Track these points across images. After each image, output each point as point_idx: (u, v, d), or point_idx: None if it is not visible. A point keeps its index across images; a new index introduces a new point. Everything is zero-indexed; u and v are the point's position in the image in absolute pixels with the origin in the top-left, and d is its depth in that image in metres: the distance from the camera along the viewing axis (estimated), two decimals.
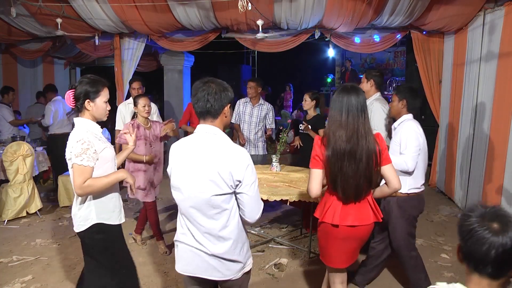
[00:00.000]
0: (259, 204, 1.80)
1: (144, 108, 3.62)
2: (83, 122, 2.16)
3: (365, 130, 2.08)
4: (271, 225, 4.56)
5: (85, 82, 2.14)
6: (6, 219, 4.60)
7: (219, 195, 1.69)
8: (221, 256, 1.76)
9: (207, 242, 1.76)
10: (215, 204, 1.71)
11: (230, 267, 1.79)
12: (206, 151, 1.72)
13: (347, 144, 2.06)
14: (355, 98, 2.08)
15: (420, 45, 5.72)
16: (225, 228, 1.75)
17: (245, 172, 1.69)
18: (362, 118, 2.08)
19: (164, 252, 3.75)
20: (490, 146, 4.28)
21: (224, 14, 5.29)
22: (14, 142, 4.86)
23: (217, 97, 1.73)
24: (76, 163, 2.02)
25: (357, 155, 2.06)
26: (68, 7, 5.29)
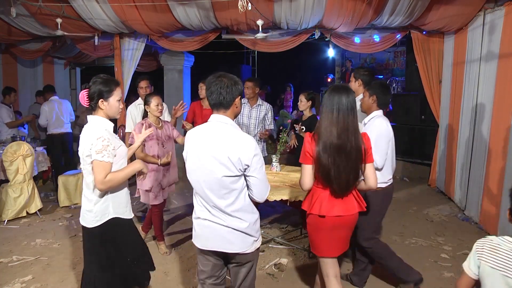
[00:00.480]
0: (266, 186, 2.05)
1: (157, 107, 3.56)
2: (99, 120, 2.24)
3: (354, 127, 2.24)
4: (271, 225, 4.56)
5: (98, 82, 2.21)
6: (6, 219, 4.60)
7: (228, 177, 1.93)
8: (234, 228, 1.99)
9: (221, 215, 1.99)
10: (224, 185, 1.94)
11: (244, 240, 2.01)
12: (218, 138, 1.95)
13: (338, 140, 2.21)
14: (345, 97, 2.23)
15: (420, 45, 5.73)
16: (232, 205, 1.97)
17: (253, 157, 1.91)
18: (351, 116, 2.23)
19: (164, 253, 3.75)
20: (490, 146, 4.28)
21: (224, 14, 5.29)
22: (14, 142, 4.86)
23: (229, 90, 1.97)
24: (98, 160, 2.12)
25: (347, 150, 2.21)
26: (68, 7, 5.29)
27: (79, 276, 3.32)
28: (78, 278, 3.30)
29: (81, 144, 2.21)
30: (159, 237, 3.82)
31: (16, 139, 5.21)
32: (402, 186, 6.19)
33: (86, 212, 2.27)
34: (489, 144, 4.31)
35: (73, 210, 5.13)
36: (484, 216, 4.36)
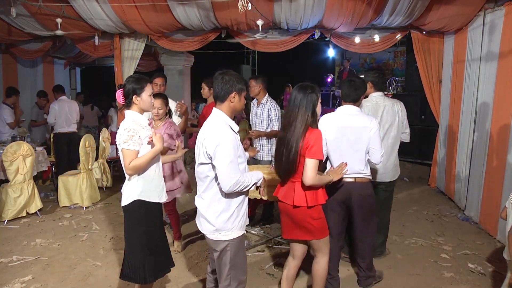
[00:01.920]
0: (228, 178, 2.09)
1: (154, 110, 3.54)
2: (130, 114, 2.49)
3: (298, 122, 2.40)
4: (271, 225, 4.56)
5: (131, 81, 2.48)
6: (6, 219, 4.60)
7: (202, 164, 2.19)
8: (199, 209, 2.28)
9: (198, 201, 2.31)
10: (200, 170, 2.22)
11: (202, 223, 2.28)
12: (204, 128, 2.21)
13: (283, 131, 2.49)
14: (296, 93, 2.46)
15: (420, 45, 5.73)
16: (205, 192, 2.23)
17: (215, 149, 2.08)
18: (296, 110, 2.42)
19: (174, 250, 3.69)
20: (490, 146, 4.28)
21: (224, 14, 5.29)
22: (14, 142, 4.86)
23: (224, 85, 2.17)
24: (124, 148, 2.36)
25: (287, 140, 2.42)
26: (68, 7, 5.29)
27: (79, 276, 3.33)
28: (78, 278, 3.30)
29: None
30: (175, 235, 3.90)
31: (16, 139, 5.21)
32: (402, 186, 6.19)
33: (122, 191, 2.52)
34: (489, 144, 4.31)
35: (73, 210, 5.13)
36: (484, 216, 4.36)
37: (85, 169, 5.32)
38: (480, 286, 3.21)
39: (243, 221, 2.30)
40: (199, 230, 2.32)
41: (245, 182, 2.16)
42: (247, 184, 2.18)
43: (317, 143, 2.38)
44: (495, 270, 3.45)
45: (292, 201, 2.48)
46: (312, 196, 2.47)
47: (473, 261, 3.62)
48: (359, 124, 2.84)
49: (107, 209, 5.18)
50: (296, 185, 2.48)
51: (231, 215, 2.21)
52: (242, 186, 2.14)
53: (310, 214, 2.49)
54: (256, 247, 3.93)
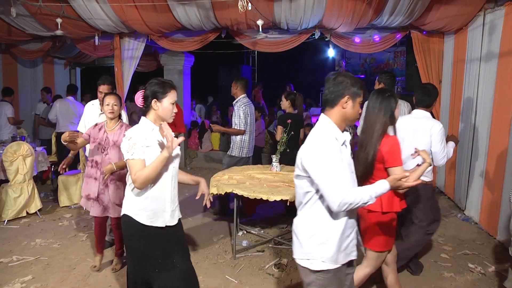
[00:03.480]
0: (334, 196, 1.75)
1: (108, 106, 3.20)
2: (142, 122, 2.26)
3: (376, 127, 2.36)
4: (271, 225, 4.56)
5: (154, 83, 2.23)
6: (6, 219, 4.60)
7: (298, 176, 1.91)
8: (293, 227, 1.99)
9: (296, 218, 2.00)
10: (298, 184, 1.92)
11: (294, 244, 1.97)
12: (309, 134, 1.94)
13: (362, 134, 2.45)
14: (375, 97, 2.42)
15: (420, 45, 5.72)
16: (303, 208, 1.93)
17: (315, 164, 1.79)
18: (374, 115, 2.39)
19: (93, 266, 3.45)
20: (490, 146, 4.28)
21: (224, 14, 5.29)
22: (14, 142, 4.86)
23: (335, 87, 1.86)
24: (128, 158, 2.16)
25: (364, 145, 2.38)
26: (68, 7, 5.29)
27: (79, 276, 3.33)
28: (78, 278, 3.30)
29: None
30: (96, 249, 3.48)
31: (16, 139, 5.21)
32: None
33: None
34: (489, 144, 4.31)
35: (73, 210, 5.13)
36: (484, 216, 4.36)
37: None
38: (480, 286, 3.21)
39: (345, 253, 1.90)
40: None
41: (358, 199, 1.76)
42: (364, 201, 1.77)
43: (396, 150, 2.33)
44: (495, 270, 3.45)
45: (373, 207, 2.37)
46: (388, 202, 2.41)
47: (473, 261, 3.62)
48: (423, 127, 2.99)
49: None
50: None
51: (327, 239, 1.84)
52: (356, 203, 1.76)
53: (382, 221, 2.43)
54: (256, 247, 3.93)
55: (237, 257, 3.69)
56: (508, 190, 3.84)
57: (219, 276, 3.33)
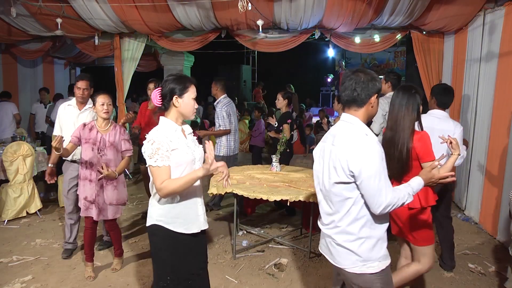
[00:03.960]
0: (381, 198, 1.72)
1: (103, 107, 3.12)
2: (163, 122, 2.07)
3: (405, 123, 2.38)
4: (271, 225, 4.56)
5: (171, 79, 2.06)
6: (6, 219, 4.60)
7: (339, 183, 1.79)
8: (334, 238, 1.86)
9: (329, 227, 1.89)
10: (337, 192, 1.81)
11: (338, 255, 1.87)
12: (337, 138, 1.83)
13: (390, 131, 2.43)
14: (404, 95, 2.42)
15: (420, 45, 5.72)
16: (345, 217, 1.82)
17: (366, 165, 1.70)
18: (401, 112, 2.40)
19: (88, 277, 3.29)
20: (490, 146, 4.28)
21: (224, 14, 5.29)
22: (14, 142, 4.86)
23: (364, 86, 1.79)
24: (151, 165, 1.96)
25: (396, 142, 2.38)
26: (68, 7, 5.29)
27: (79, 276, 3.33)
28: (78, 278, 3.30)
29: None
30: (87, 256, 3.33)
31: (16, 139, 5.21)
32: None
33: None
34: (489, 144, 4.31)
35: None
36: (484, 216, 4.36)
37: None
38: (480, 286, 3.21)
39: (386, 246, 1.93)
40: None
41: (400, 200, 1.75)
42: (403, 200, 1.76)
43: (428, 145, 2.39)
44: (495, 270, 3.45)
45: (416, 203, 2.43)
46: (424, 196, 2.44)
47: (473, 261, 3.62)
48: (443, 127, 3.02)
49: None
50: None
51: (376, 241, 1.84)
52: (397, 204, 1.75)
53: (421, 216, 2.46)
54: (256, 247, 3.93)
55: (237, 257, 3.69)
56: (508, 190, 3.84)
57: (219, 276, 3.33)
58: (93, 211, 3.20)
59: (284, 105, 4.73)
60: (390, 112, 2.47)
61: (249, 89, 11.85)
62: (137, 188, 6.05)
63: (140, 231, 4.33)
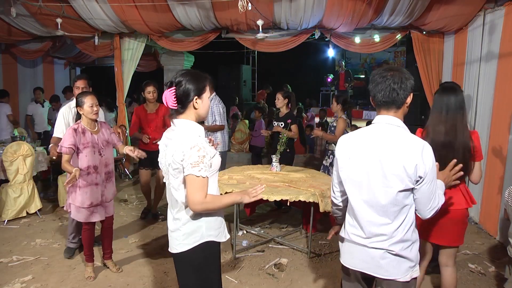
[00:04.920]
0: (433, 200, 1.71)
1: (92, 108, 3.05)
2: (191, 125, 1.84)
3: (462, 125, 2.33)
4: (271, 225, 4.56)
5: (188, 79, 1.82)
6: (6, 219, 4.60)
7: (403, 191, 1.67)
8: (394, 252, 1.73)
9: (381, 239, 1.73)
10: (398, 201, 1.68)
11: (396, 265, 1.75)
12: (392, 144, 1.68)
13: (446, 137, 2.33)
14: (453, 97, 2.35)
15: (420, 45, 5.72)
16: (392, 224, 1.71)
17: (431, 167, 1.66)
18: (459, 114, 2.34)
19: (88, 277, 3.26)
20: (490, 146, 4.28)
21: (224, 14, 5.29)
22: (14, 142, 4.86)
23: (404, 86, 1.71)
24: (194, 175, 1.72)
25: (455, 147, 2.31)
26: (68, 7, 5.29)
27: (79, 276, 3.33)
28: (78, 278, 3.30)
29: (165, 154, 1.85)
30: (88, 257, 3.30)
31: (16, 139, 5.21)
32: None
33: (172, 234, 1.91)
34: (489, 144, 4.31)
35: None
36: (484, 216, 4.36)
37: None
38: (480, 286, 3.21)
39: None
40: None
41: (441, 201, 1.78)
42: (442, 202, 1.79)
43: (479, 144, 2.39)
44: (495, 270, 3.45)
45: (463, 203, 2.43)
46: (469, 196, 2.47)
47: (473, 261, 3.62)
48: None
49: None
50: (461, 188, 2.43)
51: (417, 243, 1.79)
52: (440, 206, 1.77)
53: (466, 216, 2.48)
54: (256, 247, 3.93)
55: (237, 257, 3.69)
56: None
57: None
58: (98, 214, 3.18)
59: (284, 104, 4.75)
60: (443, 115, 2.35)
61: (249, 89, 11.85)
62: (137, 188, 6.04)
63: (140, 231, 4.34)
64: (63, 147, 3.02)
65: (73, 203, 3.15)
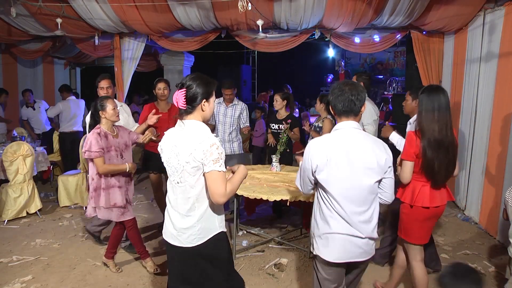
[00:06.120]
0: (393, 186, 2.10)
1: (115, 111, 3.15)
2: (202, 125, 1.98)
3: (450, 124, 2.48)
4: (271, 225, 4.56)
5: (199, 82, 1.97)
6: (6, 219, 4.60)
7: (377, 181, 2.00)
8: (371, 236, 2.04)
9: (362, 226, 2.00)
10: (373, 190, 2.00)
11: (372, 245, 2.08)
12: (362, 144, 1.99)
13: (439, 135, 2.43)
14: (443, 96, 2.48)
15: (420, 45, 5.72)
16: (369, 210, 2.02)
17: (391, 159, 2.01)
18: (448, 113, 2.49)
19: (154, 269, 3.35)
20: (490, 146, 4.28)
21: (224, 14, 5.29)
22: (14, 142, 4.86)
23: (360, 97, 2.02)
24: (217, 170, 1.87)
25: (446, 145, 2.44)
26: (68, 7, 5.28)
27: (79, 276, 3.33)
28: (78, 278, 3.30)
29: (177, 153, 1.94)
30: (144, 253, 3.42)
31: (16, 139, 5.21)
32: None
33: (184, 231, 1.98)
34: (489, 144, 4.31)
35: (73, 210, 5.13)
36: (484, 216, 4.36)
37: (85, 169, 5.32)
38: None
39: None
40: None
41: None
42: None
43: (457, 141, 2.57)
44: (495, 270, 3.46)
45: (447, 198, 2.61)
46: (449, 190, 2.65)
47: (473, 261, 3.62)
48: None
49: None
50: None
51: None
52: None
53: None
54: (256, 247, 3.93)
55: (237, 257, 3.69)
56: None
57: None
58: (130, 212, 3.33)
59: (283, 106, 4.72)
60: (436, 114, 2.46)
61: (249, 89, 11.85)
62: (136, 189, 6.05)
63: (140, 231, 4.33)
64: (92, 152, 3.05)
65: (99, 205, 3.18)
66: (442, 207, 2.58)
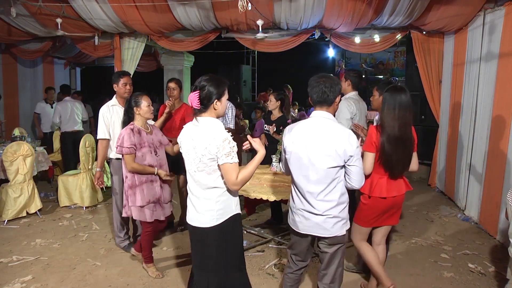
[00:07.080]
0: (362, 174, 2.30)
1: (149, 107, 3.18)
2: (216, 122, 2.20)
3: (410, 122, 2.61)
4: (271, 225, 4.56)
5: (211, 83, 2.17)
6: (6, 219, 4.60)
7: (333, 167, 2.21)
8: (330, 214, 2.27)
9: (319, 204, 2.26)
10: (330, 174, 2.22)
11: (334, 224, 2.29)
12: (325, 132, 2.22)
13: (399, 132, 2.56)
14: (404, 96, 2.59)
15: (420, 45, 5.73)
16: (325, 190, 2.25)
17: (355, 149, 2.20)
18: (408, 112, 2.59)
19: (157, 276, 3.29)
20: (490, 146, 4.28)
21: (224, 14, 5.30)
22: (14, 142, 4.86)
23: (332, 89, 2.24)
24: (228, 162, 2.11)
25: (405, 141, 2.59)
26: (68, 7, 5.29)
27: (79, 276, 3.33)
28: (78, 278, 3.30)
29: (194, 146, 2.16)
30: (148, 259, 3.35)
31: (16, 139, 5.21)
32: None
33: (204, 212, 2.21)
34: (489, 144, 4.31)
35: (73, 210, 5.13)
36: (484, 216, 4.36)
37: (85, 169, 5.32)
38: (480, 286, 3.21)
39: None
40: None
41: None
42: None
43: (416, 137, 2.71)
44: (495, 270, 3.45)
45: (405, 188, 2.74)
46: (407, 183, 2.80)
47: (473, 261, 3.62)
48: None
49: (107, 209, 5.18)
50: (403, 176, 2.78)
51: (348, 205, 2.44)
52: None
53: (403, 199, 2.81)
54: (256, 247, 3.93)
55: None
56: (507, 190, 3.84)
57: None
58: (159, 213, 3.22)
59: (276, 106, 4.53)
60: (396, 112, 2.58)
61: (249, 89, 11.85)
62: None
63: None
64: (124, 148, 3.04)
65: (134, 204, 3.14)
66: (399, 196, 2.72)
